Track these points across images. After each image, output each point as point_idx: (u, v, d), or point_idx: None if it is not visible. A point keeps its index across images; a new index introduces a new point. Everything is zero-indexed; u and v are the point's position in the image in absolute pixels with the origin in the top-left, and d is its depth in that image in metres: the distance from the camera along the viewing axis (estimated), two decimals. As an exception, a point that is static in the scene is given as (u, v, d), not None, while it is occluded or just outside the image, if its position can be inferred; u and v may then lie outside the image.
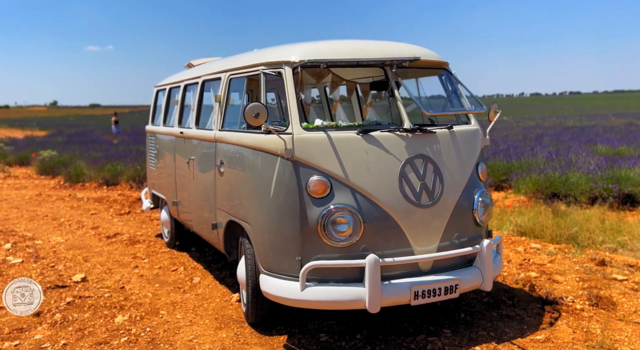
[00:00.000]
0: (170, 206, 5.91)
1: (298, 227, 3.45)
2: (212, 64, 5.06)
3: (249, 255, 3.90)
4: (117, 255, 6.09)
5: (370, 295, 3.30)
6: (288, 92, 3.60)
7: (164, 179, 6.06)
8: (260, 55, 3.94)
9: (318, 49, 3.73)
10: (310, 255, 3.44)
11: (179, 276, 5.31)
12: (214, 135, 4.43)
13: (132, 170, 11.64)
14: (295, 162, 3.45)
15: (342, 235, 3.39)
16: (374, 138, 3.51)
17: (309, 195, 3.43)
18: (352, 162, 3.44)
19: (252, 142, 3.77)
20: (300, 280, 3.36)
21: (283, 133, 3.50)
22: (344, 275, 3.44)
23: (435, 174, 3.60)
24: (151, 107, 6.76)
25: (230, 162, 4.14)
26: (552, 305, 4.23)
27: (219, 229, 4.45)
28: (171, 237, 6.29)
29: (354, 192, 3.42)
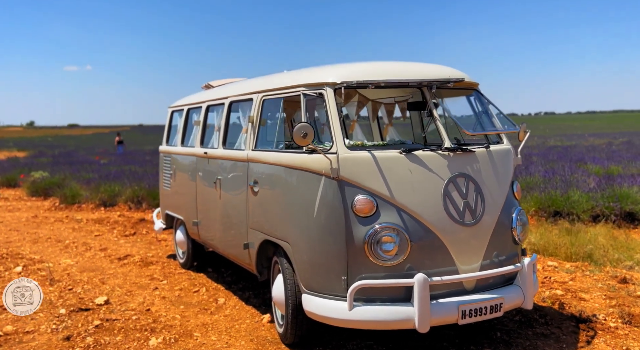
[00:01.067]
0: (189, 226, 5.87)
1: (344, 246, 3.46)
2: (239, 85, 5.08)
3: (288, 275, 3.89)
4: (133, 277, 6.00)
5: (420, 314, 3.31)
6: (331, 112, 3.64)
7: (182, 199, 6.02)
8: (299, 76, 3.98)
9: (358, 70, 3.79)
10: (356, 274, 3.45)
11: (202, 297, 5.25)
12: (246, 155, 4.43)
13: (130, 191, 11.51)
14: (341, 181, 3.47)
15: (389, 254, 3.41)
16: (417, 157, 3.55)
17: (354, 215, 3.44)
18: (396, 181, 3.48)
19: (293, 161, 3.79)
20: (348, 300, 3.36)
21: (327, 152, 3.53)
22: (390, 295, 3.45)
23: (477, 193, 3.65)
24: (166, 128, 6.74)
25: (266, 181, 4.14)
26: (586, 323, 4.27)
27: (250, 249, 4.44)
28: (187, 258, 6.23)
29: (400, 211, 3.45)
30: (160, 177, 6.82)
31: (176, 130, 6.47)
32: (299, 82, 3.90)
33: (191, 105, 6.04)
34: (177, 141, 6.27)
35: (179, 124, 6.39)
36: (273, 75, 4.58)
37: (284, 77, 4.24)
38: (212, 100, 5.45)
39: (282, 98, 4.17)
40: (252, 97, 4.54)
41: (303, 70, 4.19)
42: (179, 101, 6.59)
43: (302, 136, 3.41)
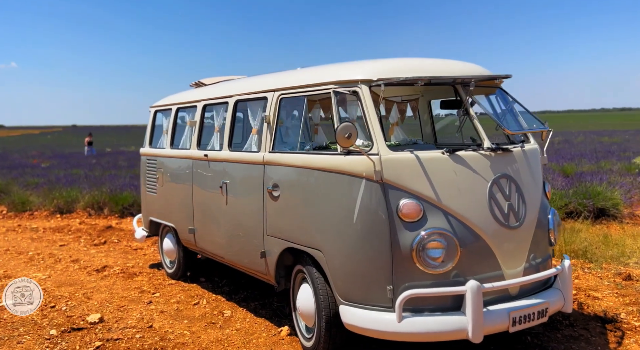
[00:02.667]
0: (182, 234, 5.49)
1: (389, 253, 3.25)
2: (246, 82, 4.78)
3: (320, 285, 3.64)
4: (119, 291, 5.56)
5: (474, 324, 3.15)
6: (368, 111, 3.42)
7: (172, 205, 5.63)
8: (328, 73, 3.73)
9: (392, 66, 3.61)
10: (401, 283, 3.25)
11: (204, 310, 4.90)
12: (262, 158, 4.14)
13: (89, 197, 10.84)
14: (384, 184, 3.26)
15: (437, 261, 3.23)
16: (461, 158, 3.40)
17: (400, 220, 3.24)
18: (442, 183, 3.31)
19: (326, 164, 3.54)
20: (397, 311, 3.15)
21: (367, 154, 3.32)
22: (437, 304, 3.27)
23: (518, 194, 3.53)
24: (148, 129, 6.30)
25: (289, 185, 3.87)
26: (611, 323, 4.25)
27: (268, 258, 4.15)
28: (178, 268, 5.83)
29: (447, 215, 3.28)
30: (143, 182, 6.37)
31: (162, 132, 6.06)
32: (328, 80, 3.66)
33: (182, 104, 5.66)
34: (165, 143, 5.86)
35: (165, 124, 5.98)
36: (290, 72, 4.31)
37: (307, 74, 3.98)
38: (211, 99, 5.10)
39: (305, 96, 3.91)
40: (265, 96, 4.25)
41: (329, 66, 3.94)
42: (164, 100, 6.18)
43: (346, 136, 3.19)
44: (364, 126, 3.49)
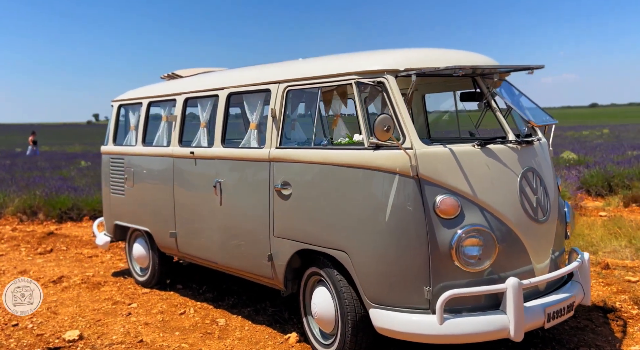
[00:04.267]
0: (159, 239, 5.07)
1: (426, 252, 3.10)
2: (241, 73, 4.45)
3: (343, 288, 3.44)
4: (88, 303, 5.05)
5: (516, 322, 3.06)
6: (397, 102, 3.26)
7: (146, 207, 5.19)
8: (349, 63, 3.52)
9: (417, 56, 3.47)
10: (438, 283, 3.12)
11: (193, 320, 4.53)
12: (267, 154, 3.87)
13: (19, 201, 9.91)
14: (420, 179, 3.11)
15: (476, 258, 3.12)
16: (492, 151, 3.32)
17: (437, 216, 3.11)
18: (476, 178, 3.21)
19: (353, 159, 3.33)
20: (438, 312, 3.01)
21: (398, 148, 3.15)
22: (473, 303, 3.16)
23: (543, 188, 3.51)
24: (111, 125, 5.78)
25: (304, 183, 3.63)
26: (612, 313, 4.33)
27: (275, 261, 3.89)
28: (152, 275, 5.39)
29: (483, 211, 3.18)
30: (105, 183, 5.84)
31: (128, 128, 5.59)
32: (349, 70, 3.45)
33: (155, 98, 5.23)
34: (135, 140, 5.40)
35: (133, 120, 5.51)
36: (296, 63, 4.05)
37: (321, 64, 3.75)
38: (195, 92, 4.73)
39: (319, 88, 3.68)
40: (268, 88, 3.97)
41: (346, 56, 3.73)
42: (130, 93, 5.69)
43: (385, 129, 3.02)
44: None
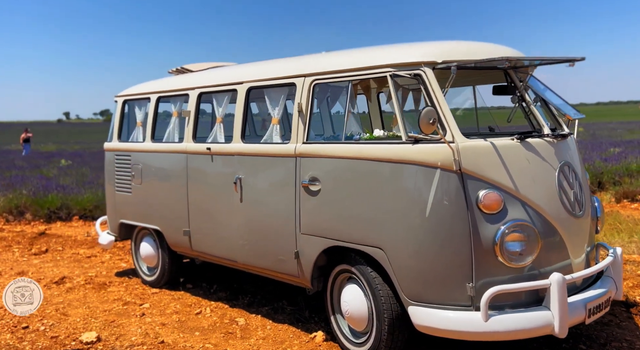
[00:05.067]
0: (171, 237, 4.94)
1: (469, 248, 3.06)
2: (260, 67, 4.34)
3: (378, 286, 3.38)
4: (97, 304, 4.90)
5: (560, 318, 3.02)
6: (436, 95, 3.21)
7: (157, 205, 5.05)
8: (384, 55, 3.45)
9: (454, 48, 3.42)
10: (480, 279, 3.08)
11: (211, 320, 4.43)
12: (293, 149, 3.79)
13: (4, 200, 9.61)
14: (462, 174, 3.07)
15: (519, 254, 3.09)
16: (531, 145, 3.29)
17: (480, 211, 3.07)
18: (517, 172, 3.18)
19: (390, 154, 3.27)
20: (483, 309, 2.97)
21: (439, 141, 3.11)
22: (515, 300, 3.13)
23: (577, 182, 3.50)
24: (116, 121, 5.61)
25: (336, 179, 3.55)
26: (634, 307, 4.37)
27: (302, 258, 3.81)
28: (161, 275, 5.25)
29: (525, 206, 3.15)
30: (109, 180, 5.67)
31: (135, 124, 5.43)
32: (384, 62, 3.38)
33: (165, 93, 5.08)
34: (144, 136, 5.25)
35: (140, 116, 5.36)
36: (321, 56, 3.97)
37: (351, 57, 3.67)
38: (210, 87, 4.61)
39: (349, 81, 3.61)
40: (293, 82, 3.89)
41: (379, 48, 3.66)
42: (136, 88, 5.54)
43: (430, 122, 2.96)
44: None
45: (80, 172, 14.42)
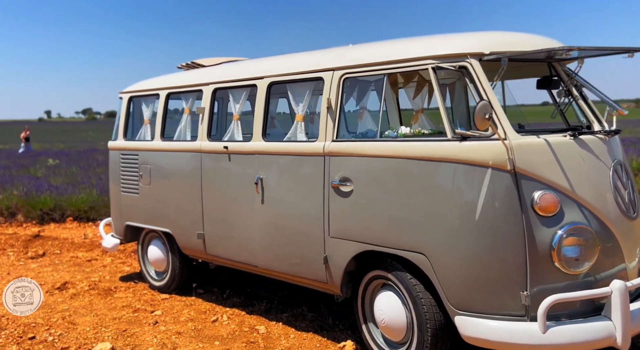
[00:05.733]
0: (184, 241, 4.69)
1: (523, 254, 2.87)
2: (282, 61, 4.11)
3: (420, 294, 3.18)
4: (105, 311, 4.64)
5: (623, 328, 2.82)
6: (485, 88, 3.02)
7: (167, 206, 4.80)
8: (423, 47, 3.24)
9: (497, 39, 3.22)
10: (535, 287, 2.88)
11: (230, 328, 4.19)
12: (322, 148, 3.57)
13: (-7, 202, 9.26)
14: (516, 173, 2.88)
15: (577, 259, 2.90)
16: (585, 142, 3.11)
17: (536, 214, 2.88)
18: (572, 172, 3.00)
19: (434, 152, 3.06)
20: (541, 319, 2.75)
21: (489, 139, 2.92)
22: (571, 309, 2.94)
23: (630, 182, 3.33)
24: (121, 119, 5.34)
25: (371, 179, 3.34)
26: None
27: (331, 263, 3.60)
28: (171, 279, 5.01)
29: (581, 207, 2.97)
30: (114, 181, 5.40)
31: (141, 122, 5.17)
32: (425, 54, 3.18)
33: (176, 89, 4.83)
34: (152, 134, 4.99)
35: (147, 113, 5.10)
36: (350, 48, 3.76)
37: (387, 49, 3.46)
38: (226, 82, 4.37)
39: (385, 75, 3.40)
40: (320, 76, 3.67)
41: (417, 39, 3.45)
42: (142, 84, 5.27)
43: (486, 117, 2.78)
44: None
45: (70, 171, 14.03)
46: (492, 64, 3.10)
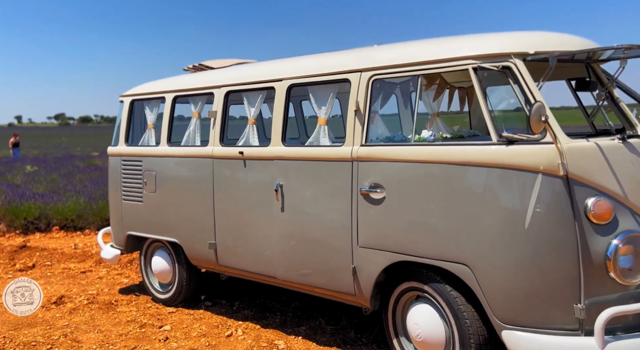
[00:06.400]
0: (194, 251, 4.46)
1: (576, 264, 2.72)
2: (304, 62, 3.92)
3: (462, 307, 3.02)
4: (109, 327, 4.37)
5: None
6: (531, 90, 2.88)
7: (175, 215, 4.56)
8: (461, 46, 3.09)
9: (544, 38, 3.09)
10: (589, 299, 2.73)
11: (246, 343, 3.97)
12: (350, 153, 3.39)
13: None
14: (568, 179, 2.74)
15: (630, 270, 2.76)
16: (634, 146, 2.99)
17: (589, 222, 2.74)
18: (623, 176, 2.86)
19: (478, 156, 2.90)
20: (599, 334, 2.58)
21: (538, 142, 2.78)
22: (625, 322, 2.79)
23: None
24: (122, 123, 5.07)
25: (406, 185, 3.17)
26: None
27: (359, 275, 3.42)
28: (178, 292, 4.76)
29: (634, 215, 2.84)
30: (115, 189, 5.13)
31: (145, 126, 4.93)
32: (464, 54, 3.02)
33: (183, 91, 4.60)
34: (157, 139, 4.76)
35: (151, 117, 4.87)
36: (378, 48, 3.59)
37: (422, 48, 3.31)
38: (240, 84, 4.17)
39: (419, 76, 3.24)
40: (346, 78, 3.50)
41: (453, 38, 3.29)
42: (145, 87, 5.03)
43: (542, 120, 2.66)
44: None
45: (50, 178, 13.56)
46: (529, 64, 2.97)
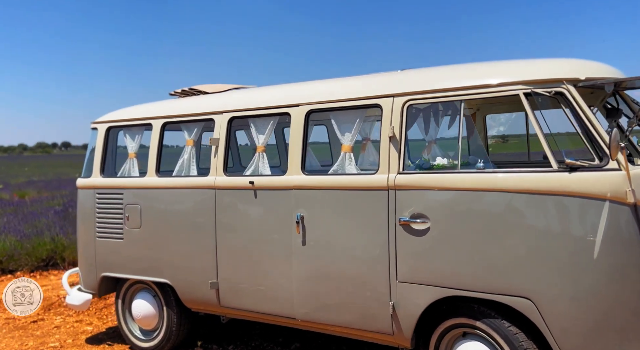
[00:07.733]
0: (191, 292, 4.03)
1: None
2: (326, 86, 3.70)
3: (523, 344, 2.89)
4: (92, 384, 3.83)
5: None
6: (587, 115, 2.85)
7: (166, 253, 4.12)
8: (510, 71, 3.03)
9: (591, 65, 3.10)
10: None
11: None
12: (386, 181, 3.21)
13: None
14: (636, 206, 2.71)
15: None
16: None
17: None
18: None
19: (536, 184, 2.81)
20: None
21: (602, 169, 2.74)
22: None
23: None
24: (97, 152, 4.55)
25: (456, 214, 3.01)
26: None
27: (398, 312, 3.20)
28: (166, 339, 4.26)
29: None
30: (85, 225, 4.56)
31: (125, 155, 4.47)
32: (514, 79, 2.97)
33: (175, 118, 4.21)
34: (144, 169, 4.31)
35: (133, 146, 4.42)
36: (412, 72, 3.46)
37: (459, 73, 3.21)
38: (246, 110, 3.87)
39: (461, 101, 3.14)
40: (377, 103, 3.34)
41: (497, 63, 3.23)
42: (124, 112, 4.56)
43: (621, 145, 2.65)
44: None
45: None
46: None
